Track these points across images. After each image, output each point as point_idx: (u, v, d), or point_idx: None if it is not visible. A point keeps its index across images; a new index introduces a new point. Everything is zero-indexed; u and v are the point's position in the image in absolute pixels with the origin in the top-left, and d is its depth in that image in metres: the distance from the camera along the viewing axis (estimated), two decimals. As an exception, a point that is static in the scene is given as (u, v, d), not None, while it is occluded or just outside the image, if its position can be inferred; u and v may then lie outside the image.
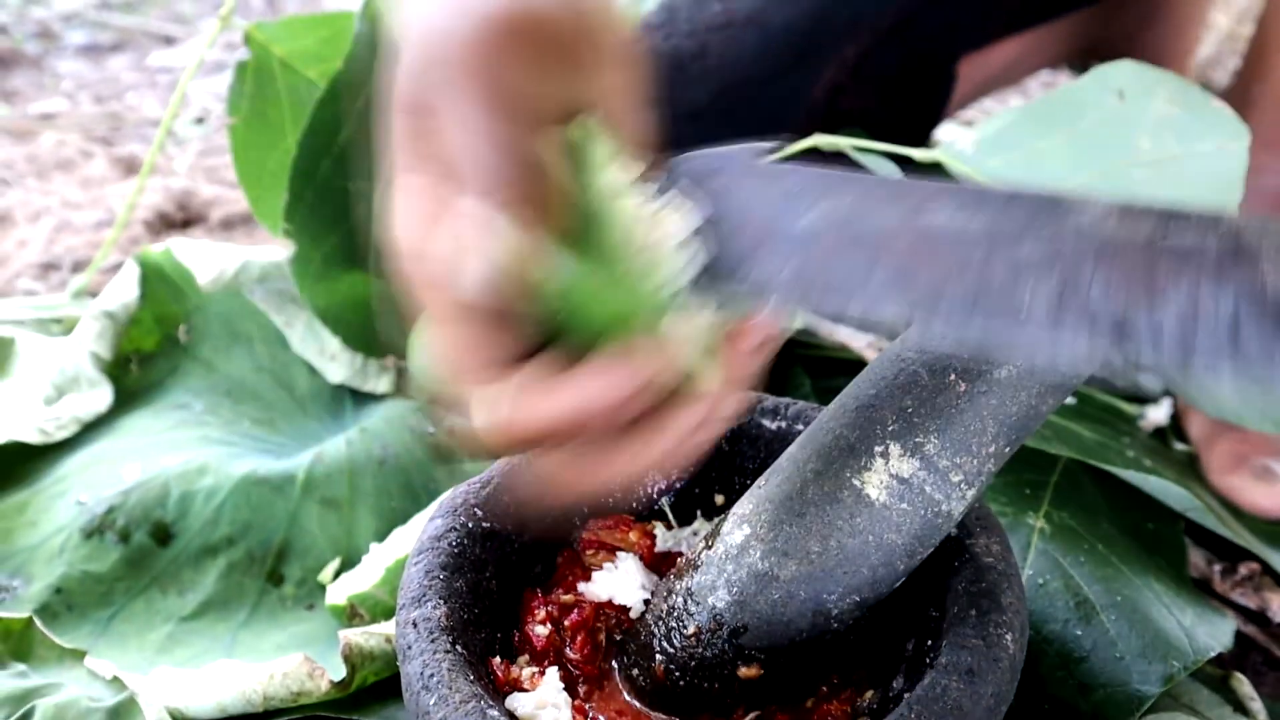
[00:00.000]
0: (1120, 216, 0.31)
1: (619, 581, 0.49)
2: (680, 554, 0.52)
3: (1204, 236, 0.31)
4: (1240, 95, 0.83)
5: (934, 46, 0.89)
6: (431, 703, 0.40)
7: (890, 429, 0.40)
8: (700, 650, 0.44)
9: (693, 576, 0.45)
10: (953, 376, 0.39)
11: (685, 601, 0.45)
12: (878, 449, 0.40)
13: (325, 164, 0.76)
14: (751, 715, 0.46)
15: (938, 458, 0.40)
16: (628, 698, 0.47)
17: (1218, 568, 0.65)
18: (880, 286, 0.33)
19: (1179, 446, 0.77)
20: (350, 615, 0.60)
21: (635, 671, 0.47)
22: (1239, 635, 0.63)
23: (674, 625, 0.45)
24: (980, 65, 0.91)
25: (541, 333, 0.37)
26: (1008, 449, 0.40)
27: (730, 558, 0.44)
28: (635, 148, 0.38)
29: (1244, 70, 0.85)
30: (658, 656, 0.45)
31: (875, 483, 0.41)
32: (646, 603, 0.49)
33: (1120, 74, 0.68)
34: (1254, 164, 0.78)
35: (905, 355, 0.41)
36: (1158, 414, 0.77)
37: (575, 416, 0.35)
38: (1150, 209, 0.31)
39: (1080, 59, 1.06)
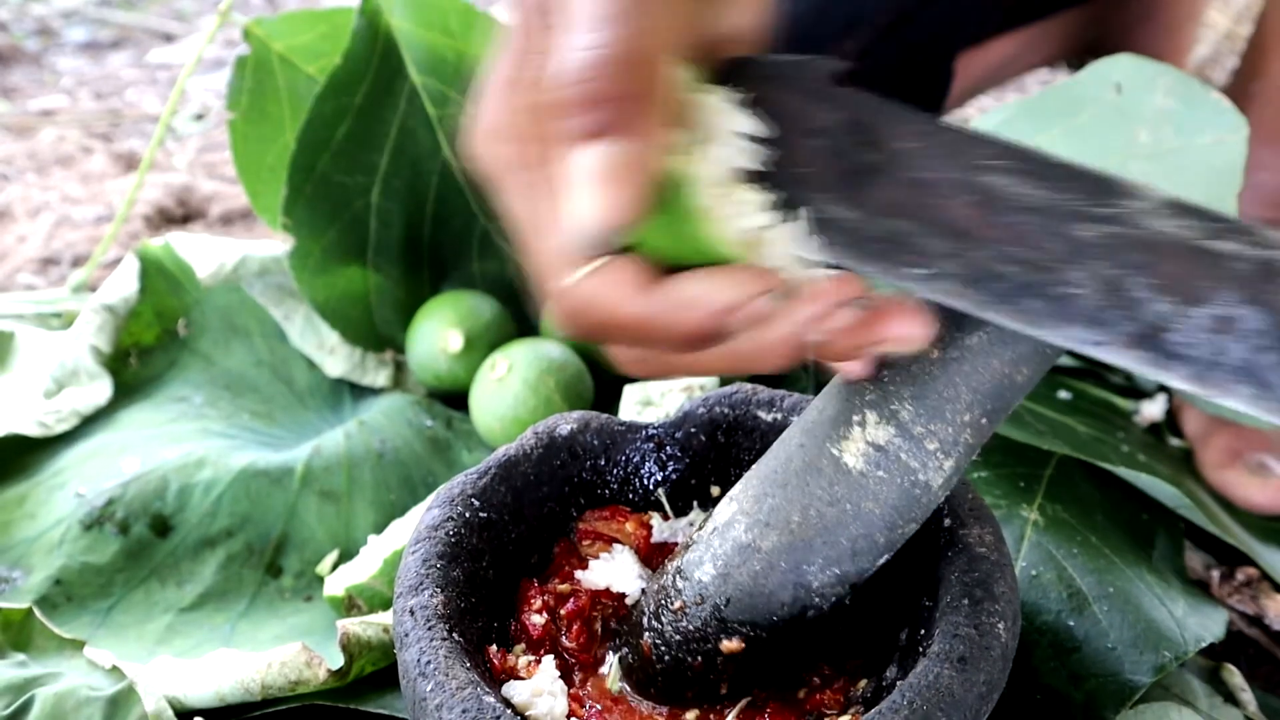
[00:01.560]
0: (1173, 211, 0.33)
1: (615, 570, 0.49)
2: (677, 544, 0.52)
3: (1244, 246, 0.32)
4: (1238, 92, 0.83)
5: (932, 42, 0.89)
6: (428, 689, 0.41)
7: (867, 398, 0.41)
8: (685, 624, 0.45)
9: (684, 555, 0.46)
10: (927, 344, 0.40)
11: (674, 579, 0.45)
12: (855, 418, 0.41)
13: (324, 158, 0.77)
14: (743, 701, 0.46)
15: (912, 424, 0.40)
16: (622, 684, 0.47)
17: (1216, 573, 0.65)
18: (939, 253, 0.34)
19: (1174, 442, 0.77)
20: (348, 606, 0.60)
21: (626, 650, 0.47)
22: (1233, 632, 0.63)
23: (663, 602, 0.45)
24: (978, 61, 0.91)
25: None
26: (984, 420, 0.40)
27: (717, 533, 0.44)
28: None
29: (1242, 67, 0.85)
30: (646, 634, 0.46)
31: (853, 451, 0.41)
32: (643, 591, 0.49)
33: (1118, 68, 0.68)
34: (1252, 160, 0.79)
35: None
36: (1153, 409, 0.78)
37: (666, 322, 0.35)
38: (1197, 208, 0.33)
39: (1078, 57, 1.06)
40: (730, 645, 0.44)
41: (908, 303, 0.36)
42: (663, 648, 0.45)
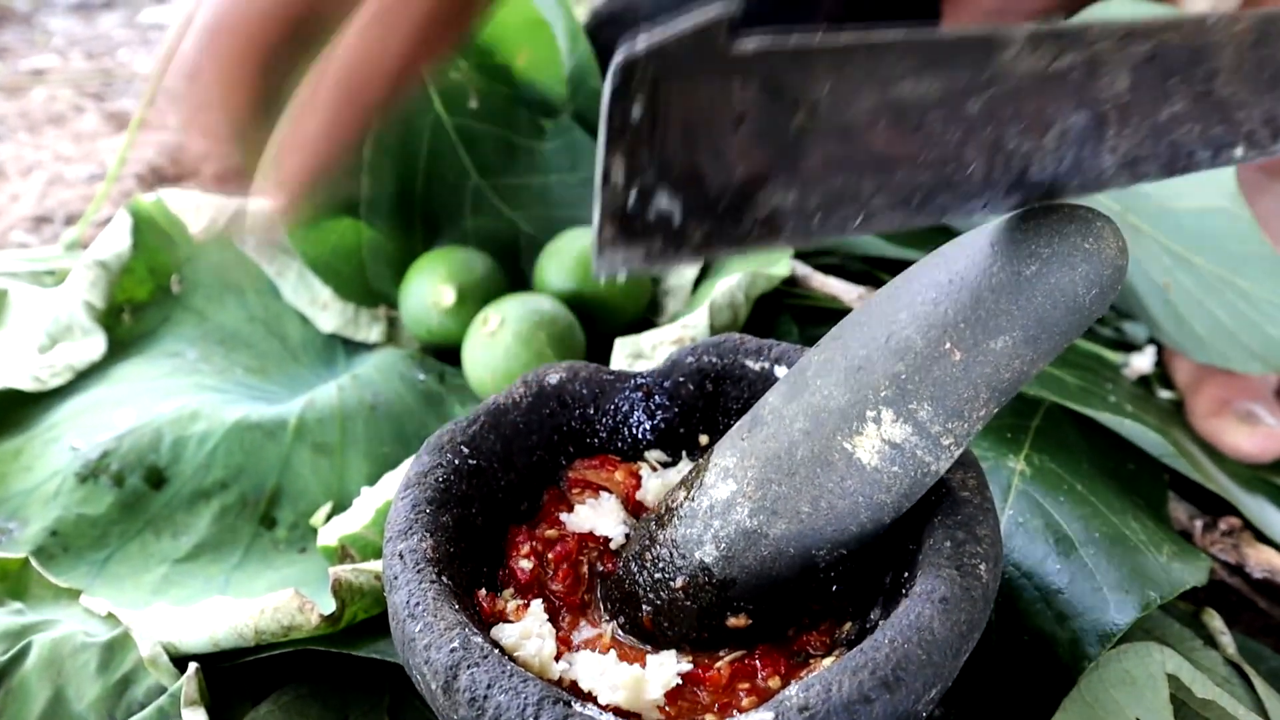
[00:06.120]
0: (1033, 44, 0.34)
1: (600, 515, 0.50)
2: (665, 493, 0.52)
3: (1077, 54, 0.34)
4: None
5: None
6: (417, 630, 0.41)
7: (883, 395, 0.40)
8: (689, 603, 0.45)
9: (676, 528, 0.46)
10: (948, 345, 0.39)
11: (671, 554, 0.45)
12: (870, 414, 0.40)
13: (314, 112, 0.77)
14: (740, 652, 0.46)
15: (930, 424, 0.40)
16: (613, 627, 0.48)
17: (1199, 523, 0.66)
18: (869, 193, 0.34)
19: (1163, 394, 0.77)
20: (341, 556, 0.61)
21: (622, 619, 0.47)
22: (1215, 581, 0.64)
23: (660, 578, 0.46)
24: (968, 8, 0.90)
25: None
26: (996, 408, 0.40)
27: (716, 513, 0.44)
28: None
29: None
30: (645, 608, 0.46)
31: (867, 447, 0.41)
32: (628, 537, 0.49)
33: (1118, 11, 0.67)
34: None
35: (897, 318, 0.40)
36: (1142, 362, 0.78)
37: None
38: (1053, 31, 0.34)
39: (1072, 8, 1.05)
40: (736, 622, 0.45)
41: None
42: (665, 624, 0.46)
